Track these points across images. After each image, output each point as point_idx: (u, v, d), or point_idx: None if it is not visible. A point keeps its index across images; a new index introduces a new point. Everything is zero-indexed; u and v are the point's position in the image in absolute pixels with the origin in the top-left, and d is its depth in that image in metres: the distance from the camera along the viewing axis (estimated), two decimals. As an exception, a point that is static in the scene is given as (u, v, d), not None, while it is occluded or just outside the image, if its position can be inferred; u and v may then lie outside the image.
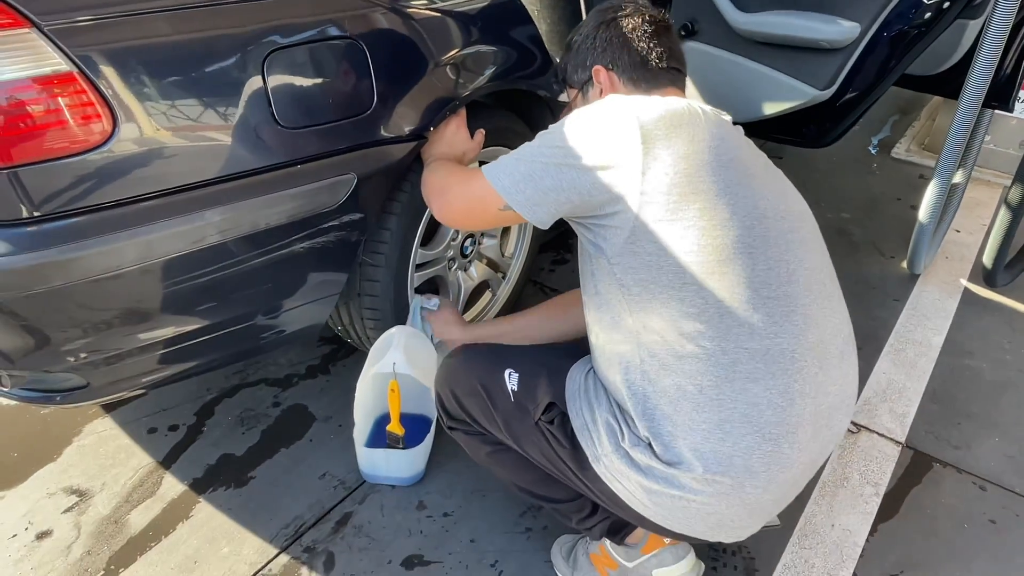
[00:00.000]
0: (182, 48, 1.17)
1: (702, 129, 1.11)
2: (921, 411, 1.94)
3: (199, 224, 1.23)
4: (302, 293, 1.48)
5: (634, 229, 1.08)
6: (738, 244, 1.07)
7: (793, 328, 1.08)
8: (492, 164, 1.21)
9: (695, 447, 1.05)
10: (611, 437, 1.12)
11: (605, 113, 1.13)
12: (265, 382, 1.95)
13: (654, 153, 1.07)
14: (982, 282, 2.47)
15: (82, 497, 1.61)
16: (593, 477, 1.16)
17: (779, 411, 1.06)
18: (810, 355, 1.09)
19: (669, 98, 1.16)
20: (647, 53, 1.30)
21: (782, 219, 1.12)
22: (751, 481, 1.06)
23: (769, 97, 2.03)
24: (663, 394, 1.07)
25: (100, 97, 1.09)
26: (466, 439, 1.40)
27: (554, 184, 1.13)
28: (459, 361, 1.37)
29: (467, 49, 1.56)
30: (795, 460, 1.09)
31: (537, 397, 1.22)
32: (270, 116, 1.26)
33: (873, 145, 3.53)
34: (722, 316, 1.06)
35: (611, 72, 1.32)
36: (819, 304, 1.13)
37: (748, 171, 1.13)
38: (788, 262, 1.10)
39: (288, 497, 1.63)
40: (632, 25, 1.31)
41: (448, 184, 1.34)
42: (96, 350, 1.26)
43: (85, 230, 1.13)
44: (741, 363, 1.06)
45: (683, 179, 1.07)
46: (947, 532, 1.61)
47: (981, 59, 1.87)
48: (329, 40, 1.32)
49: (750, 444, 1.06)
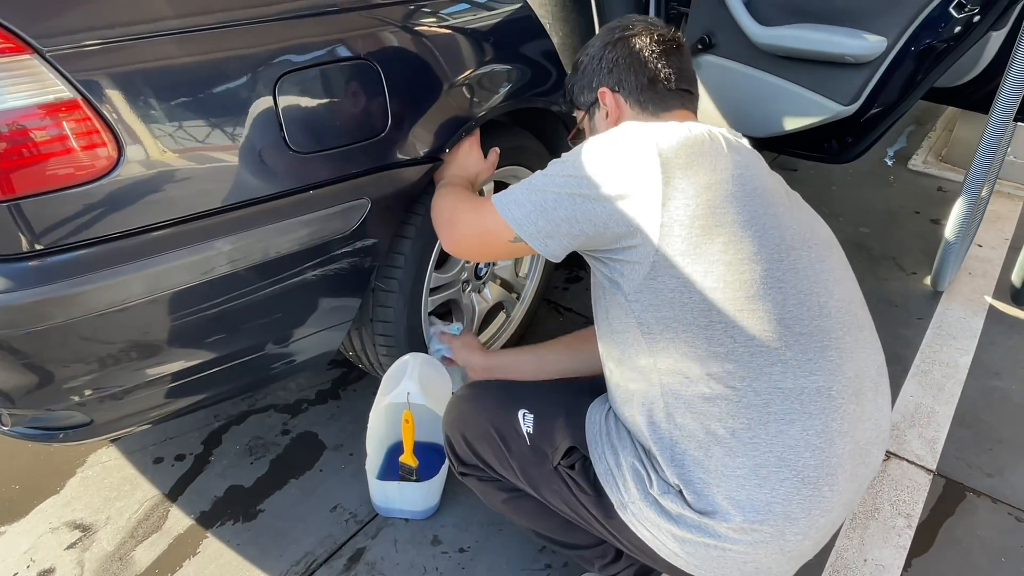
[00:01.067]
0: (190, 72, 1.12)
1: (724, 157, 1.05)
2: (951, 436, 1.88)
3: (208, 254, 1.18)
4: (314, 321, 1.43)
5: (654, 264, 1.02)
6: (767, 278, 1.01)
7: (828, 364, 1.02)
8: (502, 194, 1.15)
9: (730, 495, 1.00)
10: (638, 483, 1.06)
11: (622, 140, 1.07)
12: (274, 408, 1.89)
13: (674, 183, 1.01)
14: (1007, 299, 2.41)
15: (86, 532, 1.56)
16: (619, 525, 1.10)
17: (818, 453, 1.01)
18: (847, 391, 1.04)
19: (687, 123, 1.10)
20: (655, 74, 1.24)
21: (809, 249, 1.07)
22: (791, 528, 1.00)
23: (790, 112, 1.98)
24: (691, 438, 1.01)
25: (105, 124, 1.05)
26: (480, 485, 1.33)
27: (568, 215, 1.07)
28: (468, 402, 1.30)
29: (482, 67, 1.52)
30: (835, 502, 1.03)
31: (555, 440, 1.16)
32: (281, 140, 1.21)
33: (889, 156, 3.47)
34: (753, 355, 1.00)
35: (617, 94, 1.26)
36: (852, 336, 1.07)
37: (772, 200, 1.07)
38: (819, 294, 1.05)
39: (298, 531, 1.57)
40: (640, 45, 1.25)
41: (457, 214, 1.27)
42: (101, 386, 1.21)
43: (90, 263, 1.08)
44: (775, 404, 1.00)
45: (706, 211, 1.01)
46: (984, 567, 1.55)
47: (1013, 74, 1.81)
48: (342, 61, 1.27)
49: (789, 490, 1.00)
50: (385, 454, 1.68)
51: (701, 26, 2.09)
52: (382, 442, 1.66)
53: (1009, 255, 2.68)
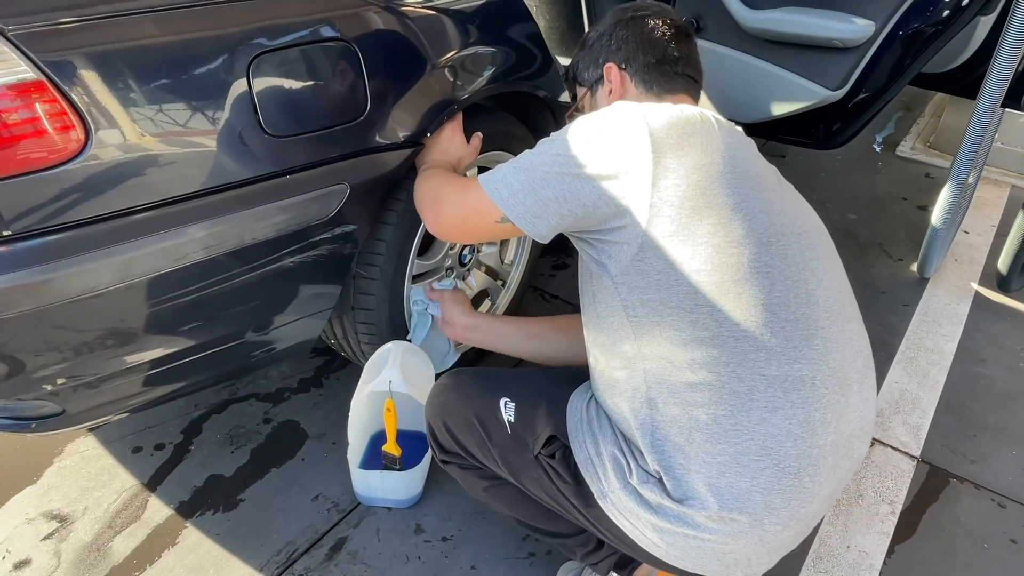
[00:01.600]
0: (161, 52, 1.09)
1: (716, 138, 1.04)
2: (935, 423, 1.88)
3: (182, 240, 1.15)
4: (293, 309, 1.40)
5: (642, 245, 1.00)
6: (754, 263, 0.99)
7: (813, 353, 1.01)
8: (489, 173, 1.13)
9: (709, 482, 0.98)
10: (618, 472, 1.04)
11: (613, 119, 1.05)
12: (255, 397, 1.87)
13: (665, 163, 1.00)
14: (993, 286, 2.41)
15: (63, 523, 1.54)
16: (599, 515, 1.08)
17: (800, 442, 0.99)
18: (831, 381, 1.02)
19: (680, 104, 1.08)
20: (664, 56, 1.24)
21: (799, 236, 1.05)
22: (771, 518, 0.99)
23: (778, 97, 1.96)
24: (673, 424, 1.00)
25: (72, 106, 1.01)
26: (461, 473, 1.31)
27: (556, 195, 1.05)
28: (451, 390, 1.28)
29: (465, 50, 1.49)
30: (816, 493, 1.02)
31: (536, 429, 1.14)
32: (256, 124, 1.18)
33: (877, 143, 3.46)
34: (738, 340, 0.99)
35: (624, 71, 1.26)
36: (839, 326, 1.06)
37: (762, 184, 1.06)
38: (807, 282, 1.03)
39: (279, 521, 1.56)
40: (652, 25, 1.25)
41: (441, 195, 1.25)
42: (74, 375, 1.18)
43: (58, 249, 1.05)
44: (758, 391, 0.99)
45: (695, 191, 0.99)
46: (966, 553, 1.55)
47: (1000, 60, 1.80)
48: (319, 42, 1.24)
49: (770, 479, 0.98)
50: (367, 443, 1.66)
51: (689, 10, 2.07)
52: (364, 431, 1.64)
53: (995, 242, 2.68)
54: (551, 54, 1.72)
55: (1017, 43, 1.77)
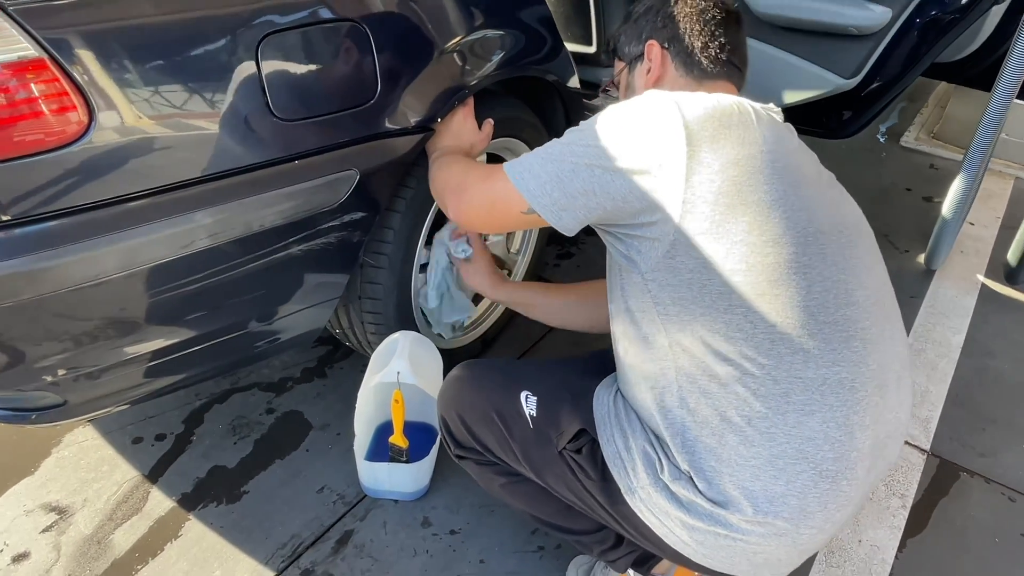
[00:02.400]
0: (168, 31, 1.05)
1: (754, 131, 0.99)
2: (945, 416, 1.86)
3: (187, 227, 1.12)
4: (299, 298, 1.37)
5: (674, 242, 0.97)
6: (792, 263, 0.96)
7: (852, 355, 0.98)
8: (515, 162, 1.09)
9: (743, 485, 0.96)
10: (648, 468, 1.01)
11: (645, 109, 1.01)
12: (258, 387, 1.84)
13: (700, 157, 0.95)
14: (1000, 278, 2.40)
15: (62, 515, 1.50)
16: (626, 512, 1.05)
17: (838, 446, 0.96)
18: (870, 384, 0.99)
19: (717, 94, 1.04)
20: (710, 40, 1.17)
21: (839, 233, 1.01)
22: (806, 522, 0.97)
23: (790, 85, 1.92)
24: (704, 424, 0.97)
25: (75, 86, 0.98)
26: (477, 469, 1.28)
27: (585, 187, 1.01)
28: (466, 382, 1.24)
29: (475, 33, 1.45)
30: (851, 497, 1.00)
31: (561, 423, 1.11)
32: (264, 106, 1.14)
33: (881, 133, 3.44)
34: (774, 342, 0.95)
35: (666, 51, 1.20)
36: (879, 327, 1.02)
37: (802, 179, 1.01)
38: (846, 282, 0.99)
39: (284, 513, 1.53)
40: (702, 7, 1.19)
41: (466, 182, 1.21)
42: (75, 366, 1.15)
43: (60, 235, 1.02)
44: (795, 393, 0.95)
45: (731, 187, 0.95)
46: (978, 547, 1.54)
47: (1017, 52, 1.77)
48: (329, 23, 1.20)
49: (806, 483, 0.96)
50: (374, 434, 1.63)
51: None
52: (371, 422, 1.62)
53: (1001, 233, 2.67)
54: (561, 38, 1.69)
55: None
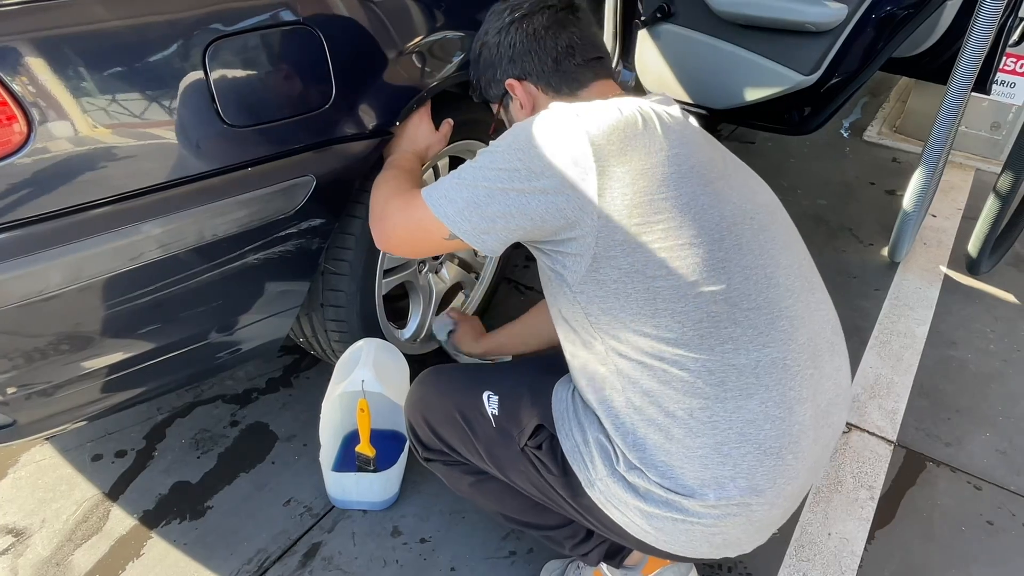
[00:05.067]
0: (110, 37, 1.02)
1: (658, 138, 1.00)
2: (910, 407, 1.88)
3: (137, 238, 1.09)
4: (259, 307, 1.35)
5: (595, 256, 0.98)
6: (709, 260, 0.98)
7: (780, 335, 1.00)
8: (432, 188, 1.08)
9: (695, 475, 0.98)
10: (605, 460, 1.03)
11: (551, 128, 1.01)
12: (222, 399, 1.80)
13: (609, 172, 0.97)
14: (962, 269, 2.43)
15: (19, 537, 1.46)
16: (588, 504, 1.07)
17: (778, 423, 0.99)
18: (802, 357, 1.02)
19: (615, 102, 1.04)
20: (558, 53, 1.17)
21: (751, 219, 1.04)
22: (758, 500, 0.99)
23: (750, 83, 1.93)
24: (651, 422, 0.99)
25: (12, 96, 0.95)
26: (445, 470, 1.28)
27: (502, 211, 1.01)
28: (430, 385, 1.25)
29: (433, 35, 1.44)
30: (800, 469, 1.02)
31: (522, 421, 1.12)
32: (214, 113, 1.12)
33: (844, 128, 3.48)
34: (703, 337, 0.98)
35: (525, 82, 1.20)
36: (803, 301, 1.05)
37: (710, 176, 1.03)
38: (765, 266, 1.02)
39: (250, 528, 1.50)
40: (533, 25, 1.17)
41: (388, 211, 1.18)
42: (25, 383, 1.11)
43: (3, 250, 0.98)
44: (730, 381, 0.98)
45: (643, 198, 0.97)
46: (945, 536, 1.56)
47: (971, 46, 1.79)
48: (280, 26, 1.18)
49: (752, 463, 0.98)
50: (340, 444, 1.61)
51: (659, -7, 2.03)
52: (337, 432, 1.59)
53: (963, 225, 2.71)
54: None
55: (986, 29, 1.77)
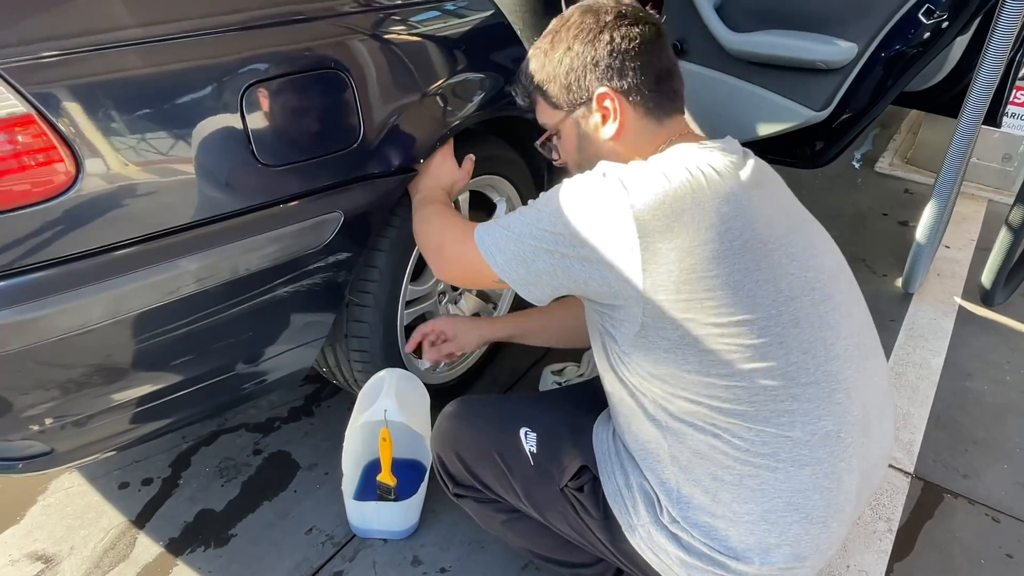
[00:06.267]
0: (152, 84, 1.07)
1: (708, 212, 0.95)
2: (927, 438, 1.89)
3: (174, 273, 1.13)
4: (286, 338, 1.38)
5: (644, 325, 0.97)
6: (764, 335, 0.96)
7: (837, 408, 1.00)
8: (484, 231, 1.10)
9: (739, 539, 0.98)
10: (648, 507, 1.03)
11: (596, 197, 0.98)
12: (245, 428, 1.83)
13: (654, 248, 0.94)
14: (976, 300, 2.44)
15: (48, 563, 1.49)
16: (627, 550, 1.06)
17: (827, 493, 0.99)
18: (855, 429, 1.02)
19: (667, 160, 1.01)
20: (661, 72, 1.08)
21: (812, 290, 1.00)
22: (800, 565, 1.00)
23: (763, 118, 1.98)
24: (697, 483, 0.99)
25: (62, 139, 1.00)
26: (476, 508, 1.27)
27: (547, 268, 1.03)
28: (462, 419, 1.24)
29: (455, 76, 1.49)
30: (841, 533, 1.03)
31: (563, 461, 1.11)
32: (250, 154, 1.16)
33: (856, 159, 3.51)
34: (758, 410, 0.97)
35: (620, 95, 1.08)
36: (861, 369, 1.04)
37: (767, 247, 0.97)
38: (825, 338, 1.00)
39: (273, 556, 1.52)
40: (642, 36, 1.06)
41: (444, 243, 1.22)
42: (62, 414, 1.15)
43: (48, 286, 1.03)
44: (783, 452, 0.98)
45: (691, 276, 0.94)
46: (964, 569, 1.55)
47: (980, 79, 1.83)
48: (310, 71, 1.23)
49: (798, 532, 0.98)
50: (362, 473, 1.63)
51: (673, 32, 2.09)
52: (358, 461, 1.62)
53: (976, 255, 2.73)
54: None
55: (996, 62, 1.80)
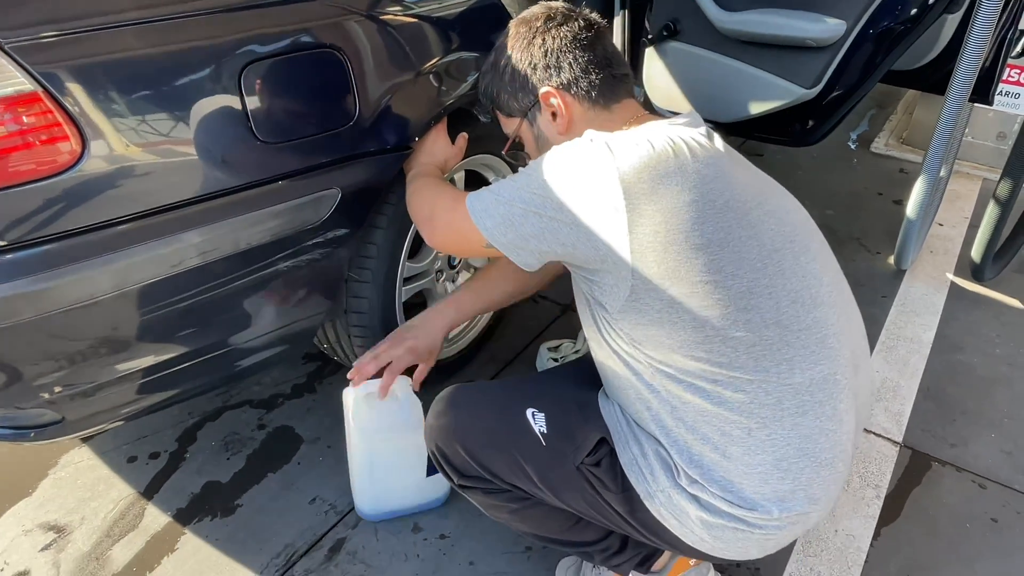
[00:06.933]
0: (154, 63, 1.11)
1: (690, 174, 1.00)
2: (916, 409, 1.93)
3: (178, 247, 1.17)
4: (287, 313, 1.42)
5: (633, 288, 0.99)
6: (755, 288, 1.00)
7: (830, 352, 1.04)
8: (475, 197, 1.12)
9: (755, 490, 1.02)
10: (667, 472, 1.05)
11: (583, 160, 1.02)
12: (249, 404, 1.88)
13: (640, 210, 0.97)
14: (968, 276, 2.48)
15: (60, 533, 1.54)
16: (645, 519, 1.08)
17: (831, 435, 1.04)
18: (848, 369, 1.07)
19: (647, 131, 1.05)
20: (597, 64, 1.15)
21: (791, 243, 1.05)
22: (815, 507, 1.04)
23: (754, 97, 2.01)
24: (706, 440, 1.02)
25: (68, 117, 1.03)
26: (484, 499, 1.21)
27: (535, 232, 1.04)
28: (462, 407, 1.19)
29: (449, 55, 1.52)
30: (845, 472, 1.08)
31: (576, 437, 1.10)
32: (248, 131, 1.20)
33: (852, 140, 3.54)
34: (757, 361, 1.00)
35: (562, 91, 1.16)
36: (844, 314, 1.10)
37: (745, 206, 1.03)
38: (810, 287, 1.04)
39: (278, 524, 1.57)
40: (572, 31, 1.15)
41: (435, 211, 1.24)
42: (71, 383, 1.19)
43: (56, 258, 1.07)
44: (787, 399, 1.01)
45: (678, 236, 0.97)
46: (950, 533, 1.60)
47: (967, 57, 1.85)
48: (307, 50, 1.26)
49: (810, 476, 1.02)
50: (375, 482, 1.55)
51: (666, 13, 2.11)
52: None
53: (969, 233, 2.75)
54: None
55: (982, 39, 1.83)
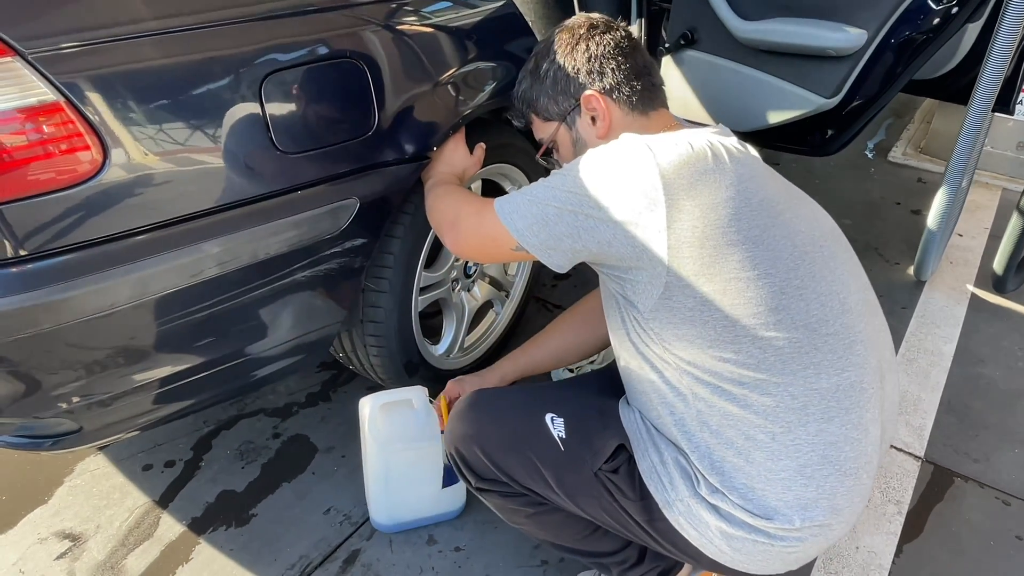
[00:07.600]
0: (174, 73, 1.11)
1: (728, 173, 1.02)
2: (938, 423, 1.90)
3: (196, 257, 1.17)
4: (304, 322, 1.42)
5: (667, 285, 1.00)
6: (787, 288, 1.01)
7: (857, 359, 1.04)
8: (505, 200, 1.13)
9: (778, 497, 1.00)
10: (686, 481, 1.04)
11: (623, 159, 1.03)
12: (264, 412, 1.88)
13: (679, 204, 0.99)
14: (989, 287, 2.44)
15: (75, 542, 1.54)
16: (663, 528, 1.07)
17: (856, 444, 1.03)
18: (875, 378, 1.06)
19: (686, 135, 1.07)
20: (639, 69, 1.19)
21: (821, 248, 1.06)
22: (837, 519, 1.03)
23: (774, 106, 1.99)
24: (730, 445, 1.01)
25: (89, 127, 1.03)
26: (501, 502, 1.22)
27: (569, 231, 1.05)
28: (481, 411, 1.20)
29: (467, 65, 1.51)
30: (870, 484, 1.07)
31: (595, 443, 1.10)
32: (268, 141, 1.20)
33: (869, 149, 3.51)
34: (785, 363, 1.00)
35: (605, 96, 1.19)
36: (872, 323, 1.09)
37: (777, 208, 1.05)
38: (838, 292, 1.05)
39: (292, 535, 1.56)
40: (613, 39, 1.20)
41: (460, 216, 1.23)
42: (89, 393, 1.19)
43: (76, 268, 1.07)
44: (813, 405, 1.01)
45: (715, 231, 0.99)
46: (974, 550, 1.57)
47: (991, 65, 1.83)
48: (327, 60, 1.26)
49: (833, 485, 1.01)
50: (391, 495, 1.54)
51: (683, 22, 2.10)
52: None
53: (989, 243, 2.72)
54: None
55: (1006, 49, 1.81)
